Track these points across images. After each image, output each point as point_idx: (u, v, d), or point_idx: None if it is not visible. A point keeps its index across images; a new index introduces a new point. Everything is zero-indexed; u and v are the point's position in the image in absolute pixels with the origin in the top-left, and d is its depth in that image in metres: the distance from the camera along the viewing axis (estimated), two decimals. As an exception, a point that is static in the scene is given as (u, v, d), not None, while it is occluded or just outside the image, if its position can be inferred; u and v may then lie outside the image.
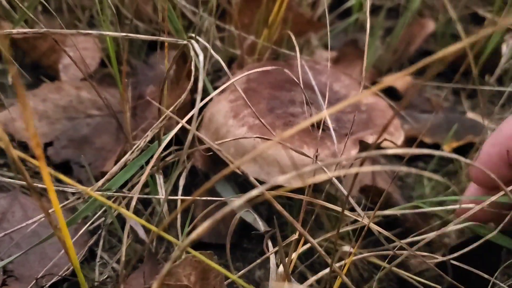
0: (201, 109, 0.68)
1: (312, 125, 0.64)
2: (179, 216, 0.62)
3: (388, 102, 0.74)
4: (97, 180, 0.72)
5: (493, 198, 0.48)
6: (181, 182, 0.65)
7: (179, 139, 0.71)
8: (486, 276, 0.51)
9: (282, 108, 0.66)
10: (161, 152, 0.66)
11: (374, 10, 1.26)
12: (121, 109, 0.77)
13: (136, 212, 0.69)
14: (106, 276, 0.61)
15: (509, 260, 0.56)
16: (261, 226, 0.68)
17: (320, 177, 0.58)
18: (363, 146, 0.62)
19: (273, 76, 0.72)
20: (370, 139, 0.62)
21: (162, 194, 0.62)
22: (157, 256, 0.64)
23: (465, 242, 0.52)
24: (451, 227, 0.52)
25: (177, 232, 0.63)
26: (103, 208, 0.62)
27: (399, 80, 1.10)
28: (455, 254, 0.51)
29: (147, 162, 0.56)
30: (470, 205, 0.51)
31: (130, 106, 0.78)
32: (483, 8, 1.22)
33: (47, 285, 0.57)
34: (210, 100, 0.56)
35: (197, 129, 0.68)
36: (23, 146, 0.74)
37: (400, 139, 0.66)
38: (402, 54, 1.17)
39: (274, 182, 0.59)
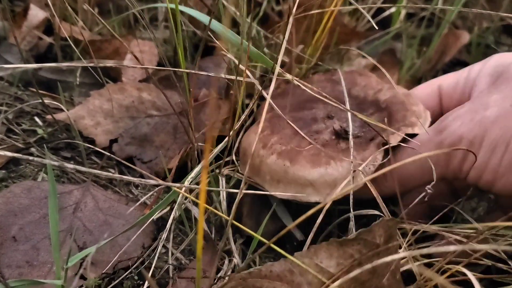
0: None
1: (337, 137, 0.68)
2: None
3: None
4: (157, 175, 0.78)
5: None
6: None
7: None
8: None
9: (306, 128, 0.70)
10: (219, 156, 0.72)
11: (409, 18, 1.30)
12: (179, 111, 0.83)
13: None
14: (167, 266, 0.66)
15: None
16: (298, 235, 0.73)
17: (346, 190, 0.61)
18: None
19: (293, 98, 0.76)
20: (392, 139, 0.64)
21: (223, 191, 0.67)
22: (216, 246, 0.69)
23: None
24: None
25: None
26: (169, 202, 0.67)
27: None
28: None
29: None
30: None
31: (184, 109, 0.84)
32: (517, 20, 1.25)
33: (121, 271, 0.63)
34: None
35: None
36: (90, 142, 0.80)
37: (427, 122, 0.67)
38: (436, 63, 1.21)
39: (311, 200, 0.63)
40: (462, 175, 0.60)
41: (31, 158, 0.52)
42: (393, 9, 1.19)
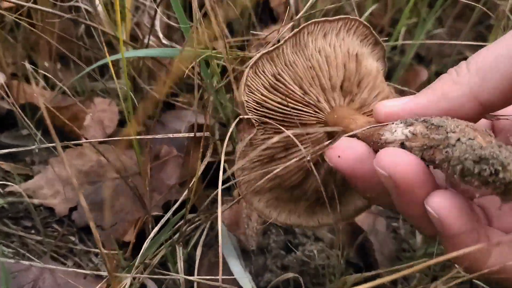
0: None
1: None
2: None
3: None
4: (117, 242, 0.79)
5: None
6: (198, 252, 0.72)
7: (193, 207, 0.78)
8: None
9: None
10: (177, 222, 0.74)
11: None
12: (138, 171, 0.84)
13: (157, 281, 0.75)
14: None
15: None
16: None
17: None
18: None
19: None
20: None
21: (181, 268, 0.69)
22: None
23: None
24: None
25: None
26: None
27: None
28: None
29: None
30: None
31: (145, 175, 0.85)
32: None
33: None
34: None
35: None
36: (50, 210, 0.81)
37: None
38: (398, 98, 1.24)
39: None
40: None
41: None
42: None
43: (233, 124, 0.60)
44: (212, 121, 0.90)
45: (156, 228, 0.68)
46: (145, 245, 0.67)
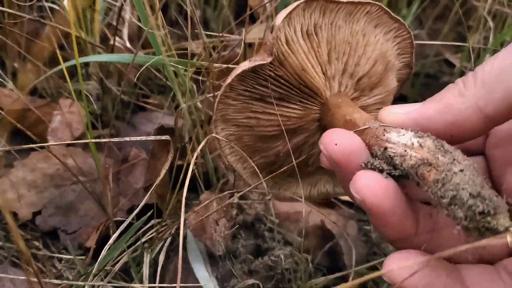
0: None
1: None
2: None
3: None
4: (80, 248, 0.78)
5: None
6: (161, 257, 0.71)
7: (159, 211, 0.77)
8: None
9: None
10: (142, 226, 0.73)
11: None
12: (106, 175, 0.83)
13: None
14: None
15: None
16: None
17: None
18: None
19: None
20: None
21: (146, 276, 0.68)
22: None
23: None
24: None
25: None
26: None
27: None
28: None
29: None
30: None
31: (113, 171, 0.84)
32: (455, 55, 1.28)
33: None
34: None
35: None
36: (13, 215, 0.80)
37: None
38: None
39: None
40: None
41: None
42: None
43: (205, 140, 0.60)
44: (181, 122, 0.88)
45: (116, 234, 0.67)
46: (103, 252, 0.65)
